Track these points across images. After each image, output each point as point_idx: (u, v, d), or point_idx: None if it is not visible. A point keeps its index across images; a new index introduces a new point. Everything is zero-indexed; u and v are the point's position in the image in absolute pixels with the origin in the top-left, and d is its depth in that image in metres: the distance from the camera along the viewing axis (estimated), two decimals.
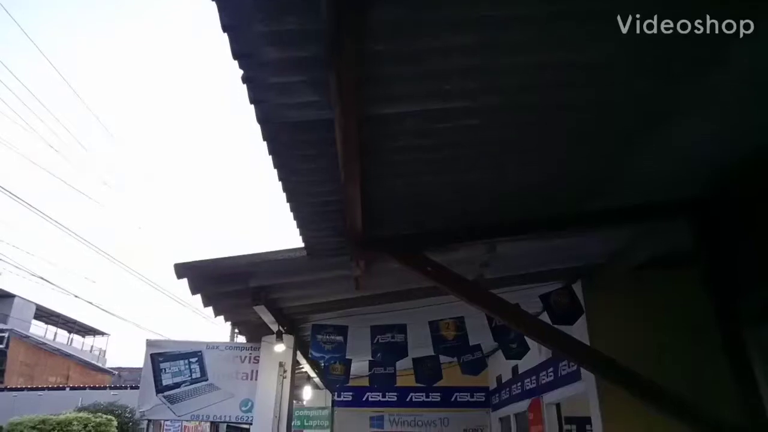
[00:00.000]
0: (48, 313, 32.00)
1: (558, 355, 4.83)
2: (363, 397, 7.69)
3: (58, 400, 19.34)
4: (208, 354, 4.17)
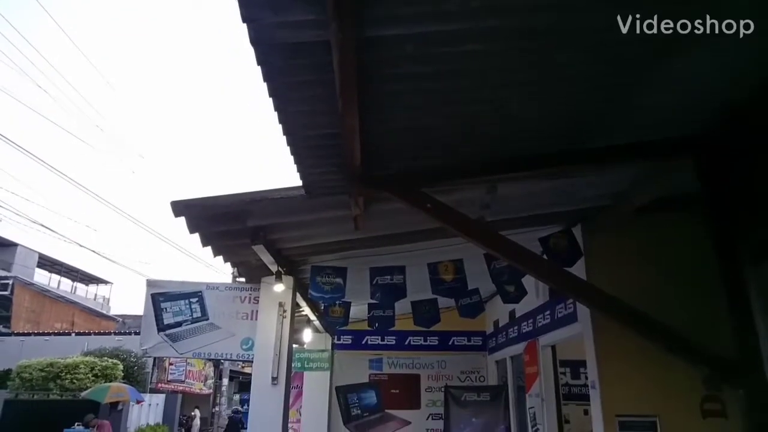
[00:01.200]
0: (51, 261, 32.38)
1: (555, 298, 4.89)
2: (362, 341, 7.85)
3: (64, 345, 19.86)
4: (209, 294, 4.21)
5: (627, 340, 3.82)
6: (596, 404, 3.89)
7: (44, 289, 28.08)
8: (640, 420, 3.73)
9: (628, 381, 3.82)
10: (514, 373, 6.59)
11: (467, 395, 7.10)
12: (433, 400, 7.57)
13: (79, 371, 16.90)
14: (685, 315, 3.34)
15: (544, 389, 5.20)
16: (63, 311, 27.68)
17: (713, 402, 3.72)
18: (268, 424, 3.86)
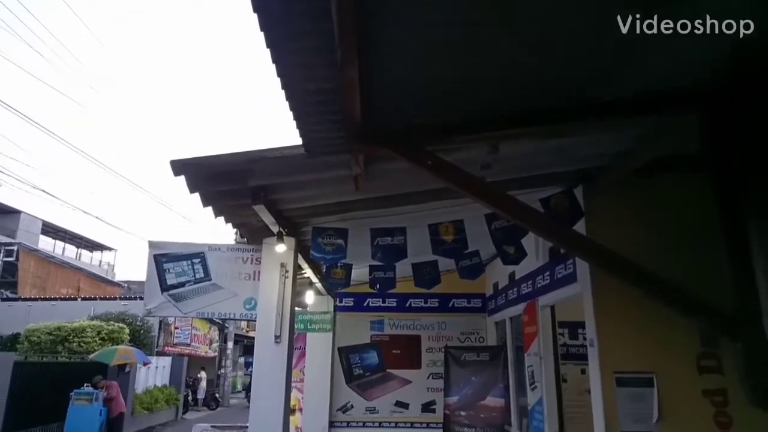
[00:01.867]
0: (55, 228, 32.57)
1: (555, 259, 4.91)
2: (364, 303, 7.94)
3: (70, 310, 20.17)
4: (211, 255, 4.24)
5: (626, 298, 3.88)
6: (594, 362, 3.95)
7: (49, 255, 28.33)
8: (638, 376, 3.80)
9: (625, 339, 3.87)
10: (513, 333, 6.69)
11: (467, 355, 7.22)
12: (433, 360, 7.71)
13: (86, 335, 17.23)
14: (685, 272, 3.35)
15: (542, 348, 5.28)
16: (68, 277, 27.99)
17: (710, 359, 3.79)
18: (272, 381, 3.94)
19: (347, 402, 7.62)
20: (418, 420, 7.53)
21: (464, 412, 6.99)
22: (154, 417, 18.85)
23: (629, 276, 2.92)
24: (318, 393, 7.60)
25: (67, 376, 14.48)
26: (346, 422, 7.56)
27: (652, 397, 3.74)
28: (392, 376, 7.71)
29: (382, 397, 7.62)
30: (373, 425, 7.53)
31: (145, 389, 18.85)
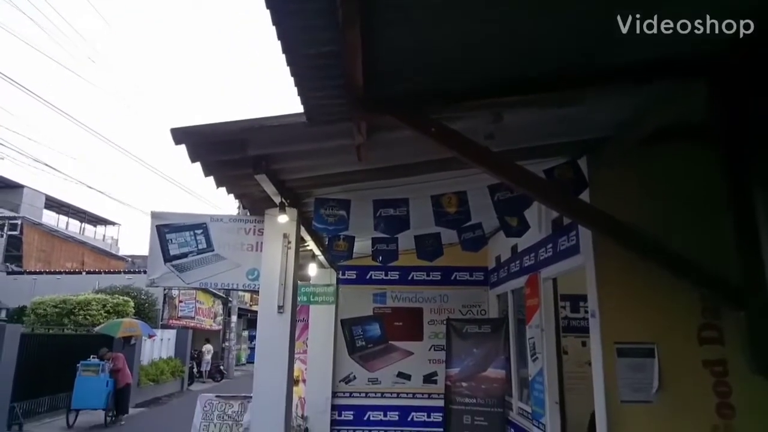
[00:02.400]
0: (58, 203, 32.65)
1: (558, 231, 4.90)
2: (366, 276, 7.97)
3: (75, 284, 20.35)
4: (213, 226, 4.24)
5: (628, 270, 3.88)
6: (595, 332, 3.97)
7: (53, 229, 28.46)
8: (638, 347, 3.82)
9: (627, 310, 3.88)
10: (515, 306, 6.72)
11: (468, 327, 7.29)
12: (435, 333, 7.77)
13: (92, 308, 17.43)
14: (689, 241, 3.34)
15: (544, 320, 5.30)
16: (73, 251, 28.17)
17: (711, 330, 3.80)
18: (275, 350, 3.97)
19: (350, 373, 7.72)
20: (419, 391, 7.63)
21: (465, 383, 7.08)
22: (160, 388, 19.17)
23: (633, 244, 2.91)
24: (321, 364, 7.69)
25: (74, 348, 14.70)
26: (349, 393, 7.67)
27: (653, 368, 3.77)
28: (394, 347, 7.79)
29: (385, 368, 7.71)
30: (376, 396, 7.64)
31: (151, 361, 19.13)
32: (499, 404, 6.70)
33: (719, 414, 3.68)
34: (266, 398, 3.91)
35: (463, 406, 7.01)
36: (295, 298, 4.14)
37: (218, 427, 6.50)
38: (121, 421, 14.19)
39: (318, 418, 7.46)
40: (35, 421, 13.28)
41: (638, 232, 2.83)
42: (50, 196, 30.51)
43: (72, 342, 15.46)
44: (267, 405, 3.87)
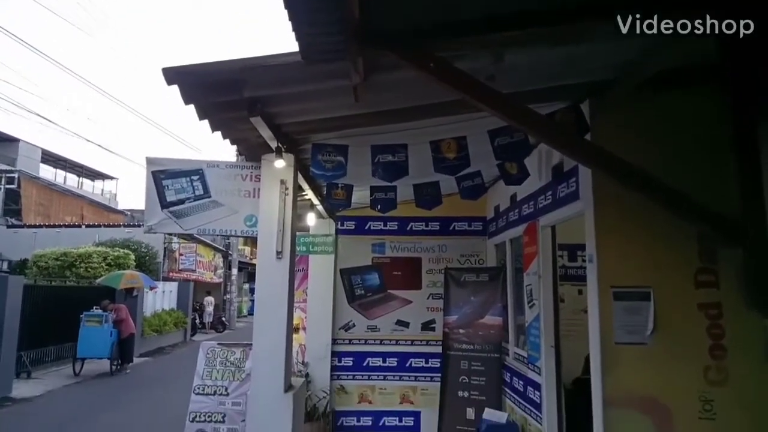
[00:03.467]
0: (55, 157, 32.43)
1: (558, 178, 4.87)
2: (365, 226, 7.98)
3: (75, 237, 20.47)
4: (209, 172, 4.19)
5: (627, 215, 3.88)
6: (592, 277, 3.99)
7: (51, 183, 28.36)
8: (635, 290, 3.85)
9: (625, 254, 3.90)
10: (513, 255, 6.76)
11: (466, 276, 7.36)
12: (433, 282, 7.85)
13: (93, 260, 17.60)
14: (691, 184, 3.31)
15: (542, 267, 5.34)
16: (71, 205, 28.16)
17: (707, 274, 3.83)
18: (275, 296, 4.00)
19: (349, 321, 7.84)
20: (418, 338, 7.78)
21: (463, 330, 7.21)
22: (164, 339, 19.60)
23: (634, 183, 2.87)
24: (321, 312, 7.81)
25: (77, 300, 14.93)
26: (349, 340, 7.82)
27: (648, 311, 3.81)
28: (393, 296, 7.89)
29: (384, 316, 7.83)
30: (375, 342, 7.79)
31: (153, 313, 19.47)
32: (496, 350, 6.84)
33: (711, 355, 3.75)
34: (267, 343, 3.97)
35: (460, 352, 7.16)
36: (294, 244, 4.14)
37: (221, 374, 6.63)
38: (126, 369, 14.56)
39: (318, 364, 7.64)
40: (42, 370, 13.63)
41: (638, 170, 2.80)
42: (46, 150, 30.26)
43: (74, 294, 15.69)
44: (267, 349, 3.94)
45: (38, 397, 10.98)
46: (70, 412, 9.89)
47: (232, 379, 6.53)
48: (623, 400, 3.75)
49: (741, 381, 3.70)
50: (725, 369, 3.72)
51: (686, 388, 3.73)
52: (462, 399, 6.95)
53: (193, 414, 6.39)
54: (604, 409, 3.76)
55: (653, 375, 3.76)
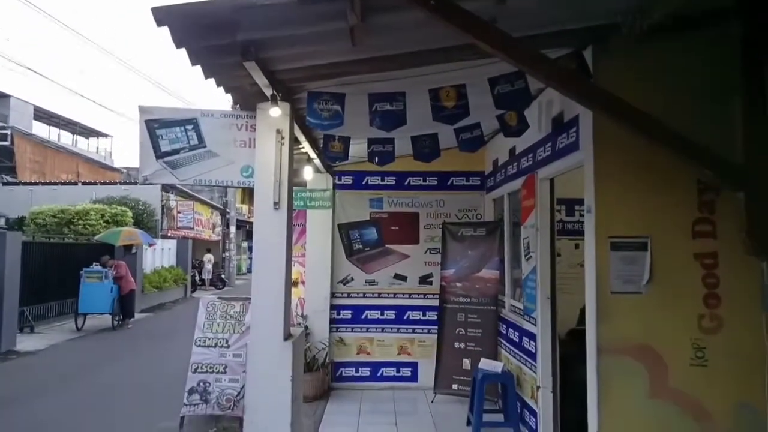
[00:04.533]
0: (47, 114, 31.97)
1: (558, 128, 4.81)
2: (363, 181, 7.94)
3: (72, 194, 20.39)
4: (204, 121, 4.11)
5: (627, 165, 3.85)
6: (590, 228, 3.99)
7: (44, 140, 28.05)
8: (632, 241, 3.86)
9: (623, 205, 3.89)
10: (511, 209, 6.75)
11: (464, 230, 7.37)
12: (431, 236, 7.88)
13: (90, 217, 17.60)
14: (695, 126, 3.25)
15: (539, 220, 5.34)
16: (66, 162, 27.96)
17: (705, 224, 3.83)
18: (273, 245, 4.00)
19: (348, 275, 7.90)
20: (415, 291, 7.86)
21: (460, 283, 7.28)
22: (164, 295, 19.82)
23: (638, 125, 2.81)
24: (319, 267, 7.86)
25: (76, 256, 15.02)
26: (347, 293, 7.90)
27: (645, 260, 3.83)
28: (391, 251, 7.93)
29: (382, 270, 7.89)
30: (373, 296, 7.87)
31: (153, 270, 19.61)
32: (492, 302, 6.92)
33: (706, 304, 3.80)
34: (266, 291, 3.98)
35: (457, 305, 7.25)
36: (291, 195, 4.10)
37: (221, 327, 6.73)
38: (128, 324, 14.77)
39: (317, 317, 7.74)
40: (45, 325, 13.82)
41: (645, 114, 2.74)
42: (39, 106, 29.78)
43: (73, 250, 15.75)
44: (266, 298, 3.96)
45: (42, 351, 11.17)
46: (74, 364, 10.08)
47: (232, 331, 6.64)
48: (617, 348, 3.81)
49: (733, 329, 3.75)
50: (718, 317, 3.78)
51: (679, 336, 3.79)
52: (458, 350, 7.08)
53: (195, 365, 6.52)
54: (598, 356, 3.83)
55: (647, 323, 3.81)
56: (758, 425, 3.49)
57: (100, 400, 7.64)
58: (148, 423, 6.57)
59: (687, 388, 3.75)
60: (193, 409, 6.37)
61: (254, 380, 3.85)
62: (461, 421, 6.24)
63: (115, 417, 6.90)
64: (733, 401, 3.72)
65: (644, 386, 3.78)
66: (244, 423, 3.85)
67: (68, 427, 6.49)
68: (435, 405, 6.97)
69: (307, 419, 6.15)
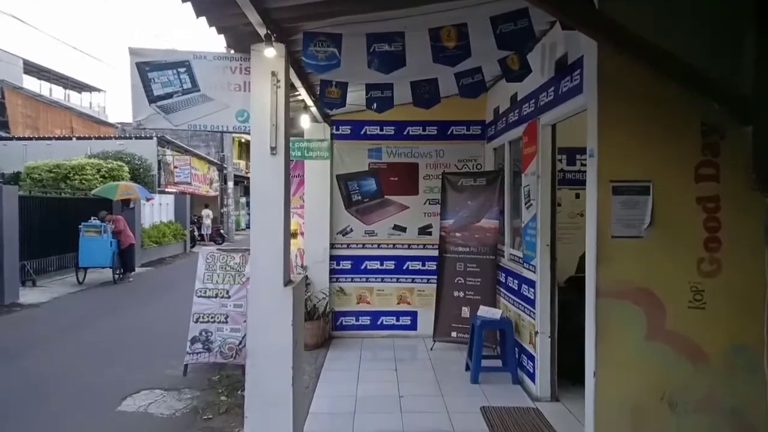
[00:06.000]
0: (38, 68, 31.26)
1: (561, 72, 4.68)
2: (361, 131, 7.82)
3: (66, 150, 20.19)
4: (197, 64, 3.97)
5: (631, 107, 3.76)
6: (592, 172, 3.94)
7: (36, 94, 27.53)
8: (634, 185, 3.81)
9: (626, 148, 3.82)
10: (511, 158, 6.68)
11: (464, 180, 7.32)
12: (430, 187, 7.83)
13: (86, 172, 17.46)
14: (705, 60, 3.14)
15: (540, 168, 5.28)
16: (60, 117, 27.53)
17: (708, 167, 3.77)
18: (271, 191, 3.94)
19: (347, 226, 7.89)
20: (414, 242, 7.87)
21: (459, 233, 7.28)
22: (164, 250, 19.91)
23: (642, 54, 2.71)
24: (318, 218, 7.84)
25: (74, 211, 14.99)
26: (347, 244, 7.91)
27: (647, 204, 3.80)
28: (390, 201, 7.89)
29: (381, 221, 7.87)
30: (372, 246, 7.89)
31: (152, 225, 19.63)
32: (491, 252, 6.94)
33: (706, 247, 3.78)
34: (264, 236, 3.94)
35: (456, 254, 7.28)
36: (288, 140, 4.01)
37: (221, 277, 6.77)
38: (129, 278, 14.90)
39: (317, 268, 7.78)
40: (47, 279, 13.95)
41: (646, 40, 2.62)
42: (28, 60, 29.07)
43: (71, 205, 15.71)
44: (265, 243, 3.92)
45: (45, 303, 11.30)
46: (78, 316, 10.21)
47: (232, 282, 6.68)
48: (616, 292, 3.82)
49: (732, 272, 3.76)
50: (718, 260, 3.77)
51: (678, 279, 3.79)
52: (457, 299, 7.15)
53: (196, 315, 6.60)
54: (596, 300, 3.84)
55: (647, 267, 3.81)
56: (754, 365, 3.54)
57: (105, 350, 7.77)
58: (152, 371, 6.70)
59: (684, 330, 3.79)
60: (196, 357, 6.48)
61: (255, 325, 3.87)
62: (460, 366, 6.36)
63: (120, 366, 7.03)
64: (729, 343, 3.76)
65: (641, 329, 3.81)
66: (246, 367, 3.89)
67: (74, 376, 6.62)
68: (434, 352, 7.10)
69: (308, 366, 6.27)
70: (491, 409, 5.05)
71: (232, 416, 5.17)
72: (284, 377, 3.82)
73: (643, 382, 3.81)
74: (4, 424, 5.11)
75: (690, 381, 3.79)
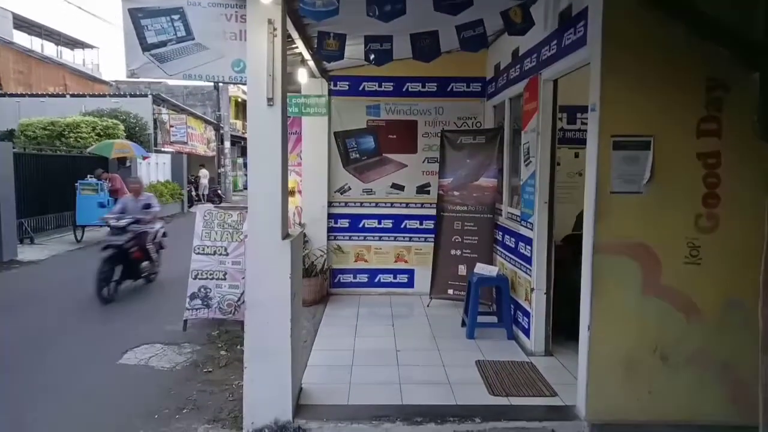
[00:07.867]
0: (28, 23, 30.51)
1: (565, 24, 4.57)
2: (359, 87, 7.69)
3: (61, 107, 19.88)
4: (191, 10, 3.86)
5: (634, 60, 3.71)
6: (593, 126, 3.90)
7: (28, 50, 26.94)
8: (635, 140, 3.78)
9: (629, 103, 3.77)
10: (511, 115, 6.59)
11: (463, 138, 7.25)
12: (429, 145, 7.75)
13: (82, 130, 17.26)
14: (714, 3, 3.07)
15: (541, 124, 5.22)
16: (52, 74, 27.03)
17: (710, 122, 3.74)
18: (268, 144, 3.88)
19: (345, 184, 7.86)
20: (412, 201, 7.86)
21: (457, 192, 7.26)
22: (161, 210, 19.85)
23: None
24: (316, 176, 7.79)
25: (69, 169, 14.89)
26: (344, 202, 7.89)
27: (647, 160, 3.77)
28: (388, 160, 7.83)
29: (379, 179, 7.83)
30: (370, 205, 7.87)
31: (148, 184, 19.51)
32: (489, 211, 6.94)
33: (705, 203, 3.79)
34: (262, 191, 3.90)
35: (454, 213, 7.27)
36: (285, 91, 3.93)
37: (220, 235, 6.77)
38: None
39: (315, 226, 7.78)
40: (45, 237, 13.95)
41: None
42: (19, 14, 28.33)
43: (67, 163, 15.59)
44: (263, 197, 3.89)
45: (44, 261, 11.34)
46: (77, 273, 10.24)
47: (231, 240, 6.68)
48: (614, 247, 3.83)
49: (730, 228, 3.77)
50: (716, 216, 3.78)
51: (675, 235, 3.81)
52: (454, 257, 7.19)
53: (195, 272, 6.63)
54: (593, 255, 3.86)
55: (645, 222, 3.82)
56: (747, 320, 3.58)
57: (105, 306, 7.82)
58: (152, 326, 6.77)
59: (679, 285, 3.83)
60: (195, 313, 6.55)
61: (254, 277, 3.88)
62: (456, 322, 6.45)
63: (119, 321, 7.11)
64: (723, 298, 3.81)
65: (637, 284, 3.84)
66: (246, 319, 3.93)
67: (74, 331, 6.70)
68: (431, 309, 7.18)
69: (306, 322, 6.35)
70: (486, 362, 5.14)
71: (232, 369, 5.25)
72: (283, 328, 3.86)
73: (636, 336, 3.87)
74: (5, 376, 5.19)
75: (683, 335, 3.85)
